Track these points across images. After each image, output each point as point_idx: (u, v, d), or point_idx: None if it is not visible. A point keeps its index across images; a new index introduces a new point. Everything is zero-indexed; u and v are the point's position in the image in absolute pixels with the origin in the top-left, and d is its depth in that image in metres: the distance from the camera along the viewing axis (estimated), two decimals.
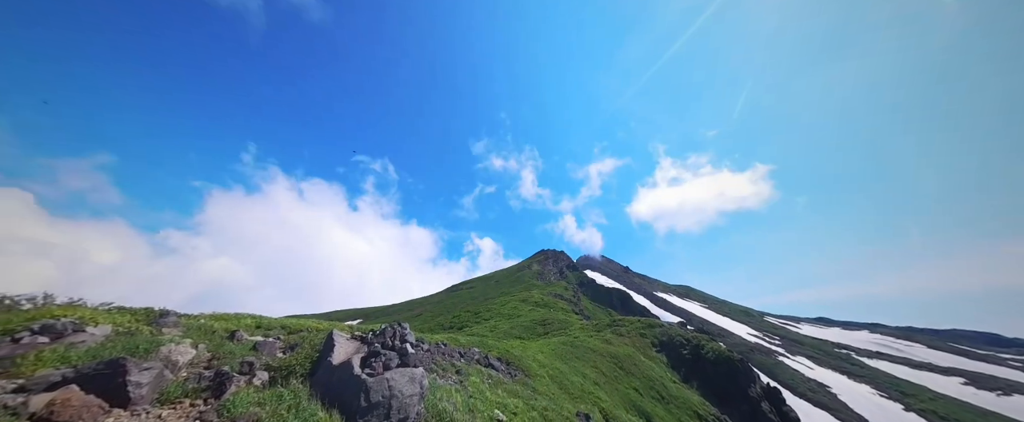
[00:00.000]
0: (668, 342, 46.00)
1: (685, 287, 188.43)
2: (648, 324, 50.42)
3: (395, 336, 8.67)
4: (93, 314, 7.01)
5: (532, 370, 16.12)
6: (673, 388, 31.94)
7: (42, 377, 5.11)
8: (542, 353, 23.01)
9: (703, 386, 39.15)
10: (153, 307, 8.11)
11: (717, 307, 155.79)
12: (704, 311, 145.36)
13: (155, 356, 5.58)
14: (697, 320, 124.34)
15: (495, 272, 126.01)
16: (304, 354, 6.56)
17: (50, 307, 7.77)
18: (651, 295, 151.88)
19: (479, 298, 72.78)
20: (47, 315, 6.90)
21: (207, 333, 7.09)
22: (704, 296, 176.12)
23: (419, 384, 6.48)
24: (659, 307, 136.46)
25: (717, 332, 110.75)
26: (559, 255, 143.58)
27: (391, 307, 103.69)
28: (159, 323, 7.19)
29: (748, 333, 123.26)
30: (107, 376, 4.96)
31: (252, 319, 9.18)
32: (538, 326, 43.05)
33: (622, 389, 25.36)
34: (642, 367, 32.47)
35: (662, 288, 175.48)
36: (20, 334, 6.19)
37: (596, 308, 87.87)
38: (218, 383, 5.18)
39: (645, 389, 27.94)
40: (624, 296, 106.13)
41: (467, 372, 10.44)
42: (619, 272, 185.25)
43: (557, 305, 58.51)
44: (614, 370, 28.35)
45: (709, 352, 43.65)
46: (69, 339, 6.28)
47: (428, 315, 66.23)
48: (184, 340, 6.25)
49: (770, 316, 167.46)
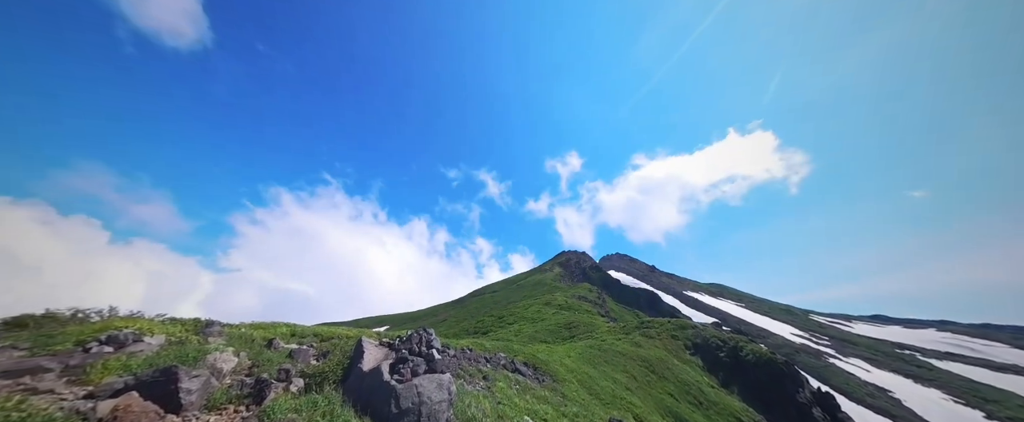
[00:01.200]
0: (702, 344, 43.71)
1: (717, 285, 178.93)
2: (679, 325, 48.20)
3: (421, 342, 8.76)
4: (149, 325, 7.62)
5: (560, 375, 15.79)
6: (711, 393, 30.21)
7: (107, 384, 5.57)
8: (569, 357, 22.52)
9: (744, 391, 36.77)
10: (200, 318, 8.73)
11: (754, 305, 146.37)
12: (740, 310, 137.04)
13: (202, 364, 5.94)
14: (733, 320, 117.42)
15: (516, 275, 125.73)
16: (336, 361, 6.75)
17: (114, 319, 8.54)
18: (681, 295, 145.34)
19: (502, 302, 72.80)
20: (111, 327, 7.58)
21: (247, 341, 7.52)
22: (739, 294, 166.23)
23: (447, 390, 6.47)
24: (690, 307, 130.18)
25: (756, 333, 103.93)
26: (581, 256, 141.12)
27: (415, 313, 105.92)
28: (205, 333, 7.70)
29: (792, 333, 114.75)
30: (162, 383, 5.32)
31: (287, 327, 9.64)
32: (563, 329, 42.31)
33: (656, 394, 24.28)
34: (676, 371, 30.99)
35: (692, 287, 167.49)
36: (90, 344, 6.82)
37: (622, 310, 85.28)
38: (258, 390, 5.43)
39: (681, 394, 26.60)
40: (652, 296, 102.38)
41: (494, 378, 10.36)
42: (645, 272, 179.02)
43: (582, 308, 57.35)
44: (646, 374, 27.24)
45: (749, 354, 41.02)
46: (130, 349, 6.85)
47: (452, 320, 67.03)
48: (227, 349, 6.64)
49: (816, 314, 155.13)
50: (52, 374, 5.82)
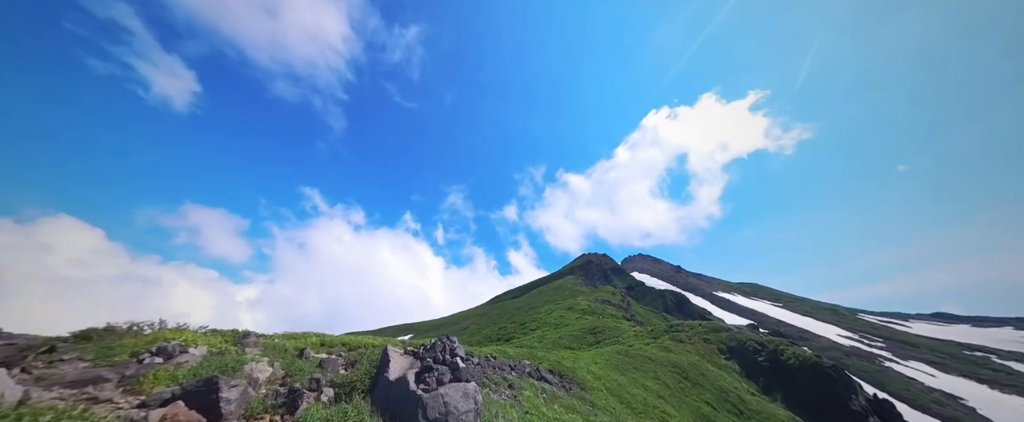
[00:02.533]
0: (739, 348, 41.20)
1: (751, 284, 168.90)
2: (712, 328, 45.75)
3: (445, 350, 8.75)
4: (193, 336, 8.09)
5: (588, 383, 15.30)
6: (752, 401, 28.29)
7: (157, 394, 5.92)
8: (596, 364, 21.85)
9: (789, 398, 34.19)
10: (238, 329, 9.19)
11: (793, 305, 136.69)
12: (778, 310, 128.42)
13: (240, 374, 6.21)
14: (770, 321, 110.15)
15: (536, 280, 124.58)
16: (363, 370, 6.86)
17: (164, 331, 9.16)
18: (711, 295, 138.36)
19: (523, 308, 72.20)
20: (161, 339, 8.11)
21: (280, 352, 7.82)
22: (775, 293, 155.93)
23: (473, 399, 6.39)
24: (722, 308, 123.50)
25: (797, 335, 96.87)
26: (602, 258, 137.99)
27: (437, 321, 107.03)
28: (242, 343, 8.09)
29: (839, 335, 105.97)
30: (204, 393, 5.59)
31: (317, 337, 9.98)
32: (588, 335, 41.27)
33: (691, 402, 23.02)
34: (711, 377, 29.31)
35: (723, 287, 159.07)
36: (143, 356, 7.32)
37: (649, 313, 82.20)
38: (292, 400, 5.58)
39: (718, 402, 25.08)
40: (680, 298, 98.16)
41: (520, 386, 10.17)
42: (670, 272, 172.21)
43: (606, 312, 55.79)
44: (679, 381, 25.94)
45: (791, 358, 38.22)
46: (177, 359, 7.28)
47: (474, 328, 67.15)
48: (262, 359, 6.92)
49: (866, 313, 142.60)
50: (111, 384, 6.27)
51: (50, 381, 6.02)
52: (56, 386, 5.88)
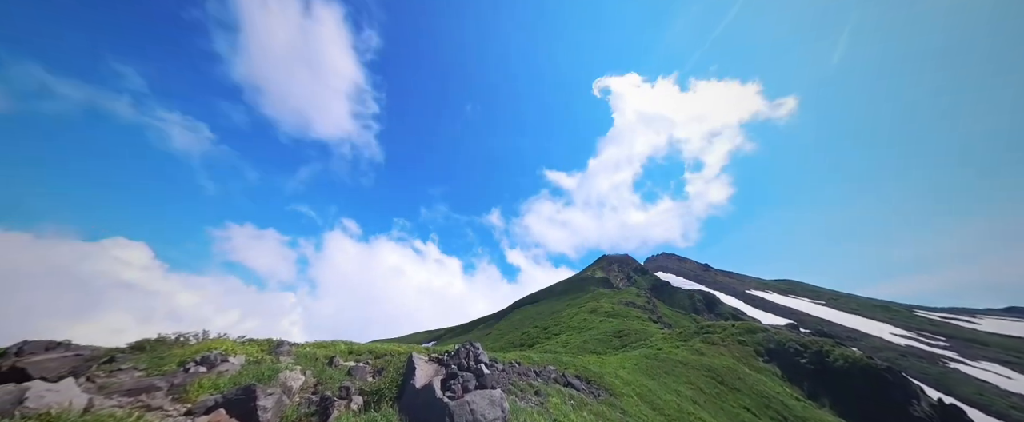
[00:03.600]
0: (778, 349, 38.68)
1: (787, 281, 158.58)
2: (746, 329, 43.27)
3: (469, 356, 8.72)
4: (232, 346, 8.53)
5: (616, 388, 14.80)
6: (797, 407, 26.39)
7: (202, 402, 6.25)
8: (624, 368, 21.14)
9: (839, 403, 31.63)
10: (272, 338, 9.63)
11: (837, 303, 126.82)
12: (820, 308, 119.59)
13: (275, 382, 6.45)
14: (811, 320, 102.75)
15: (557, 284, 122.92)
16: (390, 378, 6.94)
17: (207, 342, 9.73)
18: (743, 294, 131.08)
19: (545, 312, 71.35)
20: (204, 349, 8.61)
21: (311, 360, 8.09)
22: (815, 290, 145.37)
23: (500, 407, 6.29)
24: (757, 308, 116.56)
25: (844, 334, 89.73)
26: (623, 259, 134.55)
27: (460, 327, 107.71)
28: (276, 352, 8.44)
29: (892, 333, 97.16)
30: (243, 401, 5.84)
31: (345, 345, 10.27)
32: (614, 338, 40.13)
33: (729, 408, 21.76)
34: (749, 381, 27.63)
35: (757, 285, 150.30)
36: (189, 365, 7.78)
37: (676, 314, 78.97)
38: (323, 408, 5.72)
39: (759, 408, 23.57)
40: (709, 298, 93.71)
41: (546, 392, 9.96)
42: (698, 271, 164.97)
43: (631, 314, 54.11)
44: (714, 386, 24.61)
45: (838, 360, 35.42)
46: (219, 368, 7.68)
47: (496, 333, 66.98)
48: (295, 367, 7.18)
49: (924, 309, 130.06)
50: (161, 392, 6.69)
51: (110, 389, 6.50)
52: (115, 394, 6.34)
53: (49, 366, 6.42)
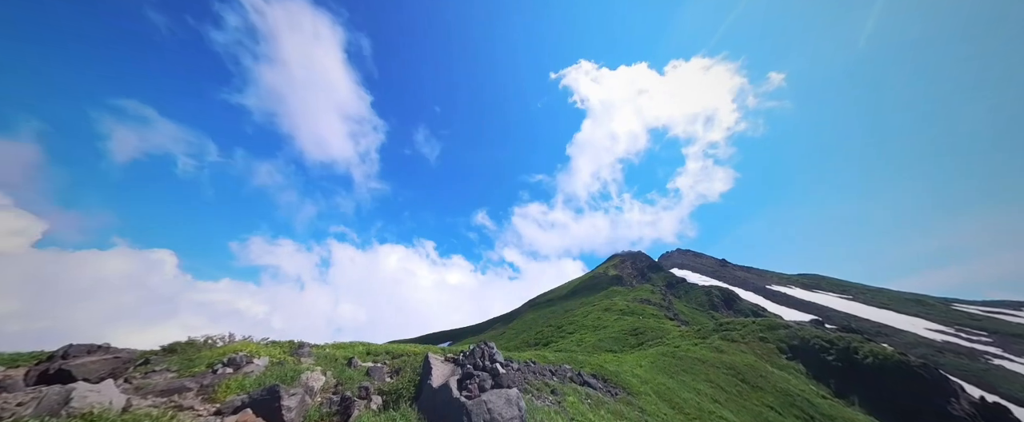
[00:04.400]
0: (802, 346, 37.31)
1: (812, 275, 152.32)
2: (768, 325, 41.91)
3: (484, 356, 8.76)
4: (256, 348, 8.83)
5: (634, 387, 14.59)
6: (824, 405, 25.39)
7: (230, 402, 6.49)
8: (641, 367, 20.82)
9: (870, 402, 30.25)
10: (293, 340, 9.93)
11: (866, 297, 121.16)
12: (847, 303, 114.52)
13: (298, 383, 6.64)
14: (838, 316, 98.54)
15: (570, 282, 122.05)
16: (407, 378, 7.05)
17: (234, 344, 10.12)
18: (764, 290, 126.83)
19: (558, 311, 71.02)
20: (231, 351, 8.95)
21: (331, 361, 8.30)
22: (842, 284, 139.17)
23: (517, 406, 6.30)
24: (778, 303, 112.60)
25: (873, 330, 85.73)
26: (637, 256, 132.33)
27: (474, 327, 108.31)
28: (297, 353, 8.70)
29: (927, 328, 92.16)
30: (268, 401, 6.04)
31: (363, 346, 10.50)
32: (629, 337, 39.58)
33: (751, 407, 21.13)
34: (772, 379, 26.76)
35: (778, 280, 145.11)
36: (216, 366, 8.10)
37: (693, 311, 77.14)
38: (344, 407, 5.86)
39: (784, 407, 22.79)
40: (728, 294, 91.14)
41: (563, 391, 9.90)
42: (714, 267, 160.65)
43: (646, 311, 53.23)
44: (735, 384, 23.95)
45: (868, 356, 33.87)
46: (244, 370, 7.97)
47: (511, 332, 67.07)
48: (316, 368, 7.38)
49: (962, 303, 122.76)
50: (192, 393, 6.99)
51: (146, 390, 6.84)
52: (150, 395, 6.67)
53: (91, 368, 6.80)
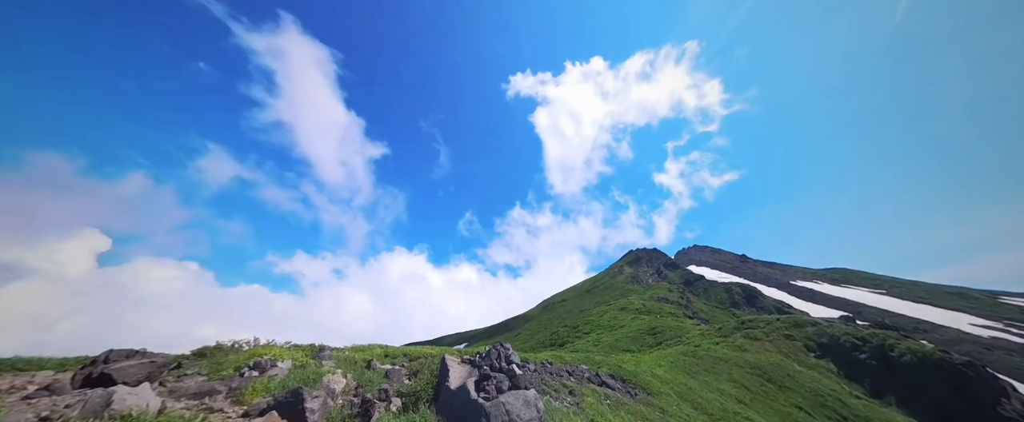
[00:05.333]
0: (832, 344, 35.65)
1: (840, 270, 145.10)
2: (793, 323, 40.26)
3: (500, 357, 8.74)
4: (280, 351, 9.10)
5: (653, 387, 14.26)
6: (858, 405, 24.16)
7: (256, 404, 6.71)
8: (660, 367, 20.35)
9: (909, 402, 28.59)
10: (314, 343, 10.19)
11: (901, 291, 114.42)
12: (880, 298, 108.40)
13: (320, 385, 6.80)
14: (870, 311, 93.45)
15: (584, 282, 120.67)
16: (425, 380, 7.11)
17: (258, 348, 10.47)
18: (788, 286, 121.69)
19: (573, 311, 70.33)
20: (256, 354, 9.26)
21: (351, 364, 8.47)
22: (874, 278, 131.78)
23: (535, 407, 6.24)
24: (805, 299, 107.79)
25: (911, 326, 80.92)
26: (652, 254, 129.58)
27: (489, 329, 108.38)
28: (319, 357, 8.92)
29: (972, 324, 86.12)
30: (292, 403, 6.20)
31: (381, 348, 10.68)
32: (647, 336, 38.79)
33: (779, 407, 20.31)
34: (800, 378, 25.67)
35: (803, 275, 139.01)
36: (243, 370, 8.39)
37: (713, 309, 74.86)
38: (365, 410, 5.95)
39: (814, 407, 21.81)
40: (750, 291, 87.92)
41: (581, 392, 9.77)
42: (735, 263, 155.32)
43: (664, 310, 52.05)
44: (760, 384, 23.08)
45: (905, 354, 32.03)
46: (269, 373, 8.22)
47: (526, 333, 66.84)
48: (336, 371, 7.54)
49: (1010, 296, 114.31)
50: (221, 395, 7.26)
51: (179, 393, 7.15)
52: (183, 397, 6.96)
53: (129, 372, 7.16)
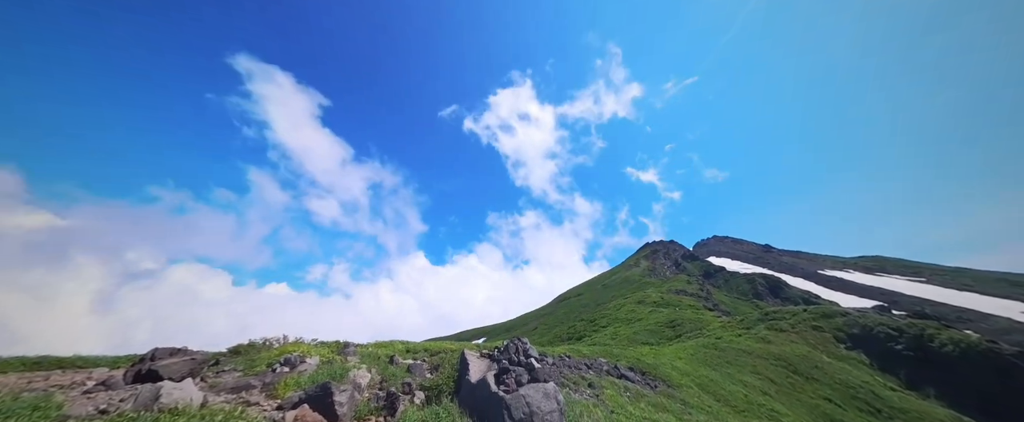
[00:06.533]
0: (864, 335, 34.10)
1: (874, 258, 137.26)
2: (821, 313, 38.69)
3: (518, 351, 8.85)
4: (308, 348, 9.54)
5: (674, 380, 14.09)
6: (893, 397, 23.10)
7: (289, 398, 7.07)
8: (680, 359, 20.06)
9: (950, 394, 27.10)
10: (339, 340, 10.61)
11: (944, 278, 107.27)
12: (919, 286, 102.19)
13: (347, 380, 7.09)
14: (908, 300, 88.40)
15: (600, 276, 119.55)
16: (446, 374, 7.30)
17: (288, 345, 11.01)
18: (816, 275, 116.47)
19: (590, 305, 69.97)
20: (286, 351, 9.74)
21: (374, 359, 8.79)
22: (913, 266, 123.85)
23: (555, 399, 6.31)
24: (834, 289, 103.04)
25: (953, 315, 76.19)
26: (670, 245, 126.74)
27: (506, 324, 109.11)
28: (344, 353, 9.29)
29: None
30: (322, 397, 6.51)
31: (402, 344, 11.01)
32: (666, 329, 38.22)
33: (807, 400, 19.69)
34: (829, 370, 24.74)
35: (832, 264, 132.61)
36: (275, 366, 8.85)
37: (735, 301, 72.74)
38: (390, 403, 6.18)
39: (845, 400, 21.03)
40: (774, 282, 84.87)
41: (600, 385, 9.78)
42: (758, 253, 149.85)
43: (683, 303, 51.07)
44: (786, 376, 22.40)
45: (947, 345, 30.28)
46: (299, 368, 8.64)
47: (542, 328, 67.07)
48: (361, 366, 7.84)
49: None
50: (256, 390, 7.70)
51: (218, 388, 7.62)
52: (222, 392, 7.42)
53: (173, 368, 7.69)
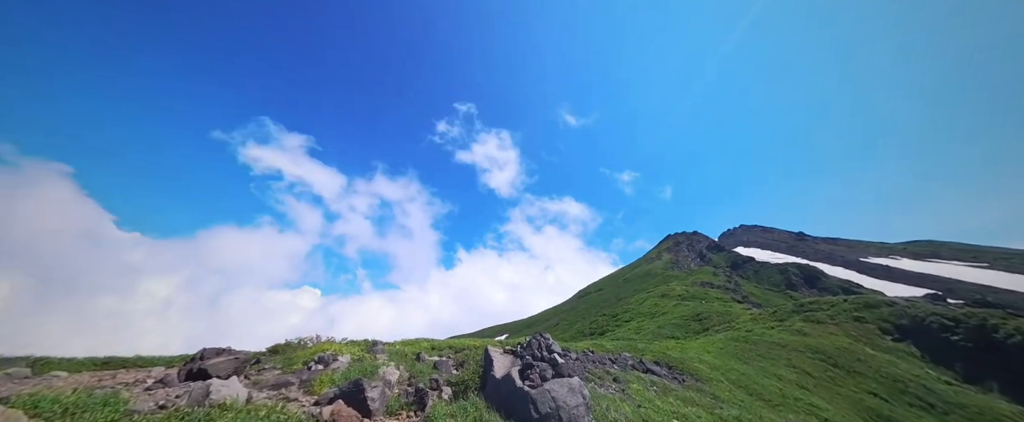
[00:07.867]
0: (914, 325, 31.74)
1: (926, 242, 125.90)
2: (865, 303, 36.30)
3: (541, 347, 8.87)
4: (339, 347, 9.99)
5: (702, 374, 13.69)
6: (948, 391, 21.41)
7: (325, 394, 7.44)
8: (708, 353, 19.43)
9: (1016, 388, 24.78)
10: (368, 339, 11.05)
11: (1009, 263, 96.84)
12: (980, 272, 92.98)
13: (377, 377, 7.38)
14: (966, 288, 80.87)
15: (620, 270, 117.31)
16: (471, 370, 7.44)
17: (320, 344, 11.58)
18: (858, 263, 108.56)
19: (611, 300, 68.96)
20: (320, 350, 10.24)
21: (402, 356, 9.09)
22: (973, 250, 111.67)
23: (580, 394, 6.30)
24: (878, 278, 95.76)
25: (1021, 303, 69.34)
26: (693, 237, 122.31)
27: (528, 320, 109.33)
28: (373, 351, 9.66)
29: None
30: (354, 393, 6.81)
31: (428, 342, 11.33)
32: (692, 322, 37.09)
33: (848, 393, 18.60)
34: (873, 363, 23.22)
35: (876, 251, 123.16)
36: (310, 364, 9.34)
37: (766, 292, 69.41)
38: (419, 398, 6.38)
39: (892, 394, 19.70)
40: (809, 271, 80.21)
41: (626, 379, 9.66)
42: (791, 242, 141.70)
43: (709, 295, 49.33)
44: (824, 369, 21.24)
45: (1013, 335, 27.72)
46: (332, 366, 9.06)
47: (564, 324, 66.80)
48: (390, 363, 8.13)
49: None
50: (294, 386, 8.15)
51: (260, 385, 8.13)
52: (264, 389, 7.91)
53: (220, 367, 8.25)
